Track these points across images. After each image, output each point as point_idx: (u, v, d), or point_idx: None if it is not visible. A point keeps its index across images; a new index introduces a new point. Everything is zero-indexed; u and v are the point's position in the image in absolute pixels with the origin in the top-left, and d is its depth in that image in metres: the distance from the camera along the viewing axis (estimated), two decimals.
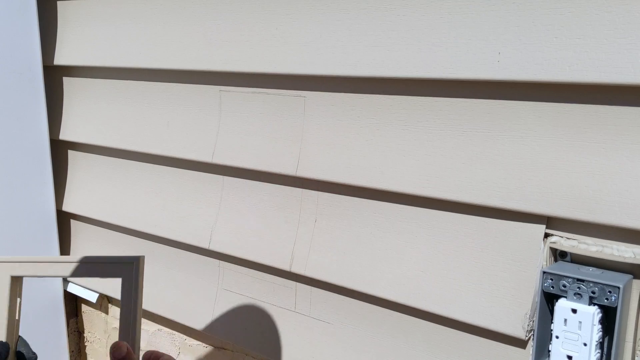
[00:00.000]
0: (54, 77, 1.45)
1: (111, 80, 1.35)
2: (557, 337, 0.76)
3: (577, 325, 0.74)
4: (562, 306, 0.76)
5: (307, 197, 1.06)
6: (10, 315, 0.83)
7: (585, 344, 0.74)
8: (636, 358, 0.77)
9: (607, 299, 0.73)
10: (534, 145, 0.80)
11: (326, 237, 1.03)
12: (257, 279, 1.15)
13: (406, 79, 0.90)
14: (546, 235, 0.81)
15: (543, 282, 0.78)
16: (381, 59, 0.90)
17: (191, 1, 1.14)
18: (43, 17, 1.40)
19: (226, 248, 1.16)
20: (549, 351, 0.78)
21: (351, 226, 1.01)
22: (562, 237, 0.80)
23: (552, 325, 0.78)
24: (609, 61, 0.71)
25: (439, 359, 0.93)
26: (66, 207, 1.48)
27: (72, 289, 1.52)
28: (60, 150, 1.49)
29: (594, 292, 0.74)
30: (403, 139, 0.92)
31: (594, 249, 0.77)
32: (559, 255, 0.82)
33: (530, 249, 0.82)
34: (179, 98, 1.22)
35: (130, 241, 1.38)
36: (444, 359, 0.93)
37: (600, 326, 0.74)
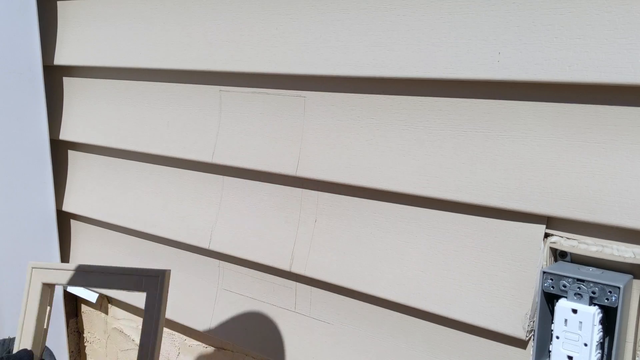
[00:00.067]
0: (54, 77, 1.45)
1: (111, 80, 1.35)
2: (558, 338, 0.76)
3: (577, 325, 0.74)
4: (563, 306, 0.75)
5: (307, 197, 1.06)
6: (38, 323, 0.79)
7: (586, 344, 0.74)
8: (637, 358, 0.77)
9: (608, 299, 0.73)
10: (534, 145, 0.80)
11: (326, 237, 1.03)
12: (257, 279, 1.15)
13: (406, 79, 0.90)
14: (546, 235, 0.81)
15: (543, 282, 0.78)
16: (381, 59, 0.90)
17: (191, 1, 1.14)
18: (43, 17, 1.40)
19: (226, 248, 1.16)
20: (550, 351, 0.78)
21: (351, 226, 1.01)
22: (562, 237, 0.80)
23: (553, 325, 0.77)
24: (609, 61, 0.71)
25: (439, 359, 0.93)
26: (66, 207, 1.48)
27: (72, 289, 1.52)
28: (60, 150, 1.49)
29: (594, 292, 0.74)
30: (403, 139, 0.92)
31: (594, 249, 0.77)
32: (559, 255, 0.82)
33: (530, 249, 0.82)
34: (179, 98, 1.22)
35: (130, 241, 1.38)
36: (444, 359, 0.93)
37: (601, 326, 0.74)
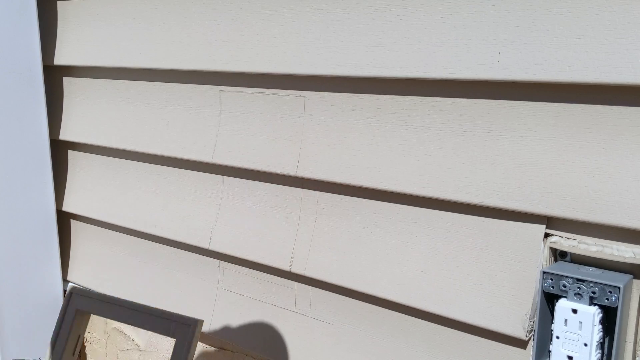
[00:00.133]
0: (54, 77, 1.45)
1: (111, 80, 1.35)
2: (558, 338, 0.76)
3: (577, 325, 0.74)
4: (563, 306, 0.75)
5: (307, 197, 1.06)
6: (67, 349, 0.76)
7: (586, 344, 0.74)
8: (637, 358, 0.77)
9: (608, 299, 0.73)
10: (534, 145, 0.80)
11: (326, 237, 1.03)
12: (257, 279, 1.15)
13: (406, 79, 0.90)
14: (546, 235, 0.81)
15: (543, 282, 0.78)
16: (381, 59, 0.90)
17: (191, 1, 1.14)
18: (43, 17, 1.40)
19: (226, 248, 1.16)
20: (550, 351, 0.78)
21: (351, 226, 1.01)
22: (562, 237, 0.80)
23: (553, 325, 0.77)
24: (609, 61, 0.71)
25: (439, 359, 0.93)
26: (66, 207, 1.48)
27: None
28: (60, 150, 1.49)
29: (594, 292, 0.74)
30: (403, 138, 0.92)
31: (594, 249, 0.77)
32: (559, 255, 0.82)
33: (530, 249, 0.82)
34: (179, 98, 1.22)
35: (130, 241, 1.38)
36: (444, 359, 0.93)
37: (601, 326, 0.74)
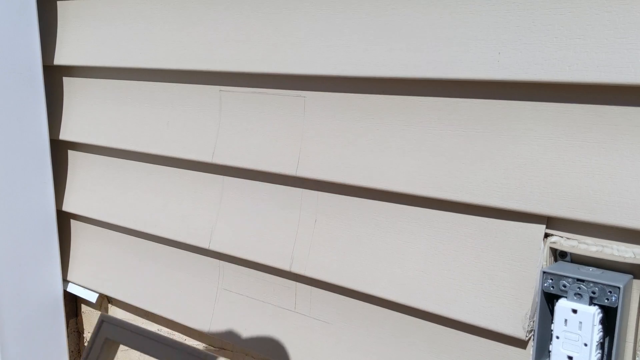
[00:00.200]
0: (54, 77, 1.45)
1: (111, 80, 1.35)
2: (558, 338, 0.76)
3: (577, 325, 0.74)
4: (563, 306, 0.75)
5: (307, 197, 1.06)
6: None
7: (586, 344, 0.74)
8: (637, 358, 0.77)
9: (608, 299, 0.73)
10: (534, 145, 0.80)
11: (326, 237, 1.03)
12: (257, 278, 1.15)
13: (406, 79, 0.90)
14: (546, 235, 0.81)
15: (543, 282, 0.78)
16: (381, 59, 0.90)
17: (191, 1, 1.14)
18: (43, 17, 1.40)
19: (226, 248, 1.16)
20: (550, 351, 0.78)
21: (351, 226, 1.00)
22: (562, 237, 0.80)
23: (553, 325, 0.77)
24: (609, 61, 0.71)
25: (439, 359, 0.93)
26: (66, 207, 1.48)
27: (72, 289, 1.52)
28: (60, 150, 1.49)
29: (594, 292, 0.74)
30: (403, 138, 0.92)
31: (594, 249, 0.77)
32: (559, 255, 0.82)
33: (530, 249, 0.82)
34: (179, 98, 1.22)
35: (130, 241, 1.38)
36: (444, 359, 0.93)
37: (601, 326, 0.74)
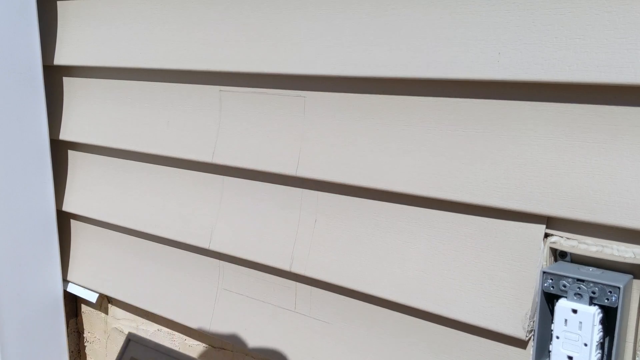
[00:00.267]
0: (54, 77, 1.45)
1: (111, 80, 1.34)
2: (558, 338, 0.76)
3: (577, 325, 0.74)
4: (563, 306, 0.75)
5: (307, 197, 1.06)
6: None
7: (586, 344, 0.74)
8: (637, 358, 0.77)
9: (608, 299, 0.73)
10: (534, 145, 0.80)
11: (326, 237, 1.03)
12: (257, 278, 1.15)
13: (406, 79, 0.90)
14: (546, 235, 0.81)
15: (543, 282, 0.78)
16: (381, 59, 0.90)
17: (191, 1, 1.14)
18: (43, 17, 1.40)
19: (226, 248, 1.16)
20: (550, 351, 0.78)
21: (351, 226, 1.00)
22: (562, 237, 0.80)
23: (553, 325, 0.77)
24: (609, 61, 0.71)
25: (439, 359, 0.93)
26: (66, 207, 1.48)
27: (72, 289, 1.52)
28: (60, 150, 1.49)
29: (594, 292, 0.74)
30: (403, 138, 0.92)
31: (594, 249, 0.77)
32: (559, 255, 0.82)
33: (530, 249, 0.82)
34: (179, 98, 1.22)
35: (130, 241, 1.38)
36: (444, 359, 0.93)
37: (601, 326, 0.74)
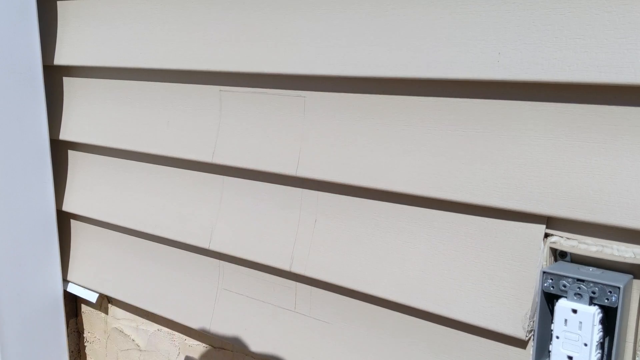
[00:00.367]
0: (54, 77, 1.45)
1: (111, 80, 1.34)
2: (558, 338, 0.76)
3: (577, 325, 0.74)
4: (563, 306, 0.75)
5: (307, 197, 1.06)
6: None
7: (586, 344, 0.74)
8: (637, 358, 0.77)
9: (608, 299, 0.73)
10: (534, 145, 0.80)
11: (326, 237, 1.03)
12: (257, 278, 1.15)
13: (406, 79, 0.90)
14: (546, 235, 0.81)
15: (543, 282, 0.78)
16: (381, 59, 0.90)
17: (191, 1, 1.14)
18: (43, 17, 1.40)
19: (226, 248, 1.16)
20: (550, 351, 0.78)
21: (351, 226, 1.00)
22: (562, 237, 0.80)
23: (553, 325, 0.77)
24: (609, 61, 0.71)
25: (439, 359, 0.93)
26: (66, 207, 1.48)
27: (72, 289, 1.52)
28: (60, 150, 1.49)
29: (594, 292, 0.74)
30: (403, 138, 0.92)
31: (594, 249, 0.77)
32: (559, 255, 0.82)
33: (530, 249, 0.82)
34: (179, 98, 1.22)
35: (130, 241, 1.38)
36: (444, 359, 0.93)
37: (601, 326, 0.74)
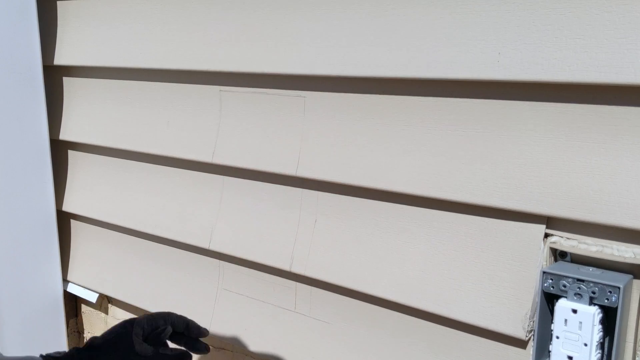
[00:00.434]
0: (54, 77, 1.45)
1: (111, 80, 1.34)
2: (558, 338, 0.76)
3: (577, 325, 0.74)
4: (563, 306, 0.75)
5: (307, 197, 1.06)
6: None
7: (586, 344, 0.74)
8: (637, 358, 0.77)
9: (608, 299, 0.73)
10: (534, 145, 0.80)
11: (326, 237, 1.03)
12: (257, 279, 1.15)
13: (406, 79, 0.90)
14: (546, 235, 0.81)
15: (543, 282, 0.78)
16: (381, 59, 0.90)
17: (191, 1, 1.14)
18: (43, 17, 1.40)
19: (226, 248, 1.16)
20: (550, 351, 0.78)
21: (351, 226, 1.00)
22: (562, 237, 0.80)
23: (553, 325, 0.77)
24: (609, 61, 0.71)
25: (439, 359, 0.93)
26: (66, 207, 1.47)
27: (72, 289, 1.52)
28: (60, 150, 1.49)
29: (594, 292, 0.74)
30: (403, 138, 0.92)
31: (594, 249, 0.77)
32: (559, 255, 0.82)
33: (530, 249, 0.82)
34: (179, 98, 1.22)
35: (130, 241, 1.38)
36: (443, 359, 0.93)
37: (601, 326, 0.74)
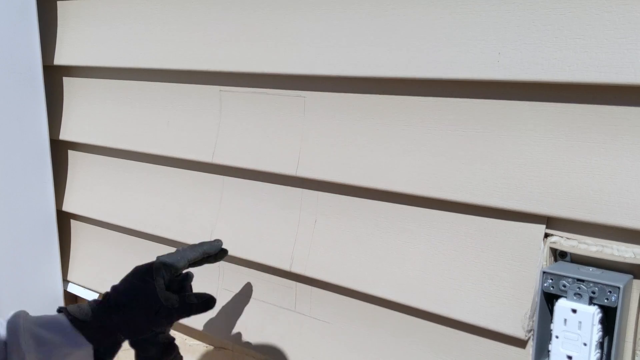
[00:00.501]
0: (54, 77, 1.45)
1: (111, 80, 1.35)
2: (557, 337, 0.76)
3: (577, 325, 0.74)
4: (562, 306, 0.76)
5: (307, 197, 1.06)
6: None
7: (585, 344, 0.74)
8: (636, 358, 0.77)
9: (607, 299, 0.73)
10: (534, 145, 0.80)
11: (326, 237, 1.03)
12: (257, 279, 1.15)
13: (406, 79, 0.90)
14: (546, 235, 0.81)
15: (543, 282, 0.78)
16: (381, 59, 0.90)
17: (191, 1, 1.14)
18: (43, 17, 1.40)
19: (226, 248, 1.16)
20: (549, 351, 0.78)
21: (351, 226, 1.01)
22: (562, 237, 0.80)
23: (552, 325, 0.78)
24: (609, 61, 0.71)
25: (438, 359, 0.93)
26: (66, 207, 1.48)
27: (72, 289, 1.52)
28: (60, 150, 1.49)
29: (594, 292, 0.74)
30: (403, 138, 0.92)
31: (594, 249, 0.77)
32: (559, 255, 0.82)
33: (530, 249, 0.82)
34: (179, 98, 1.22)
35: (130, 241, 1.38)
36: (443, 359, 0.93)
37: (600, 326, 0.74)
